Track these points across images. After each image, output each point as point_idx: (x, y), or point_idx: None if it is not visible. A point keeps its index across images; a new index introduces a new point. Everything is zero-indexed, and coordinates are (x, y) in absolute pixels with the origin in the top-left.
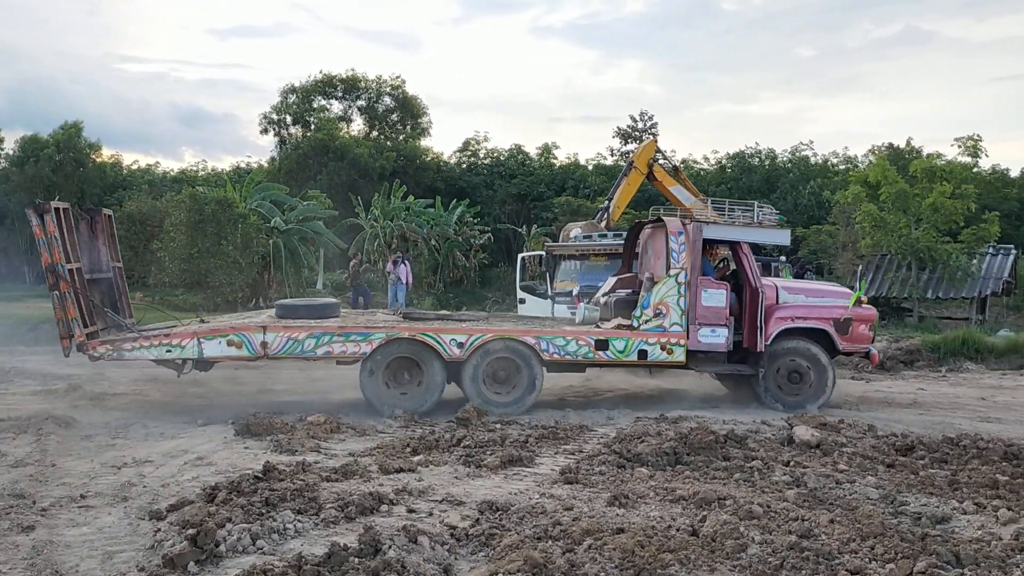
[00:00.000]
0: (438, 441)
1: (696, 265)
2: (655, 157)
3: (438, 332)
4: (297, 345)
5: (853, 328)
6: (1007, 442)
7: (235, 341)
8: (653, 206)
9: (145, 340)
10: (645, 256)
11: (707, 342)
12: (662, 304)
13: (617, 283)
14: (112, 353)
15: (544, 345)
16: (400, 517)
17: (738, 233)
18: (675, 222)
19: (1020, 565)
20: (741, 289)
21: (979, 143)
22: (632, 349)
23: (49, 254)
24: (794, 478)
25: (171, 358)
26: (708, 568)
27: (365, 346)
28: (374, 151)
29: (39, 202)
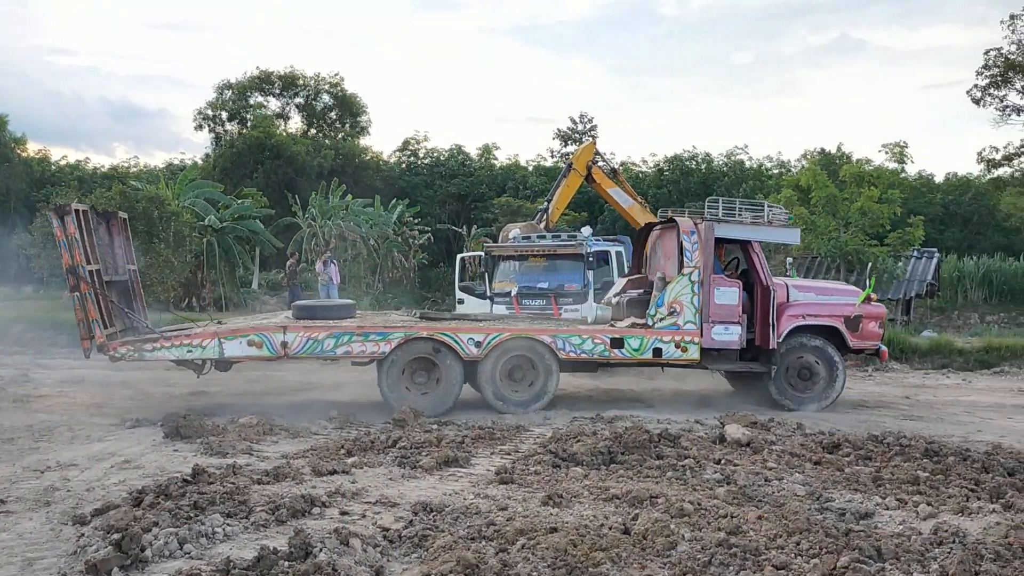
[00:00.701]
0: (373, 443)
1: (709, 264)
2: (594, 159)
3: (456, 331)
4: (317, 345)
5: (863, 325)
6: (928, 440)
7: (255, 341)
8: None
9: (166, 341)
10: (654, 257)
11: (720, 340)
12: (676, 302)
13: (628, 283)
14: (133, 354)
15: (560, 343)
16: (332, 519)
17: (750, 232)
18: (687, 222)
19: (938, 558)
20: (751, 288)
21: (905, 149)
22: (647, 347)
23: (70, 256)
24: (724, 476)
25: (192, 358)
26: (639, 566)
27: (384, 346)
28: (312, 149)
29: (60, 204)
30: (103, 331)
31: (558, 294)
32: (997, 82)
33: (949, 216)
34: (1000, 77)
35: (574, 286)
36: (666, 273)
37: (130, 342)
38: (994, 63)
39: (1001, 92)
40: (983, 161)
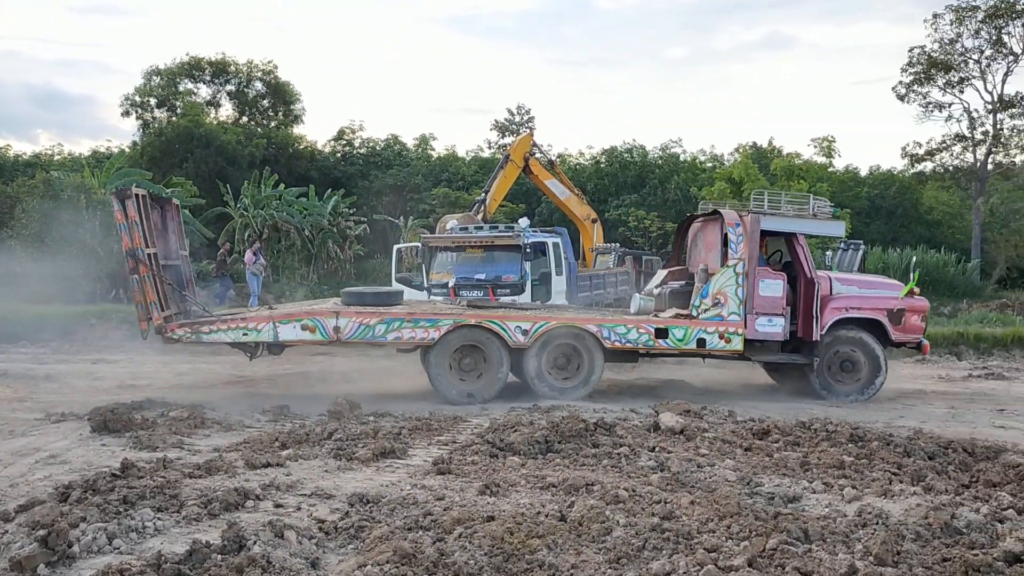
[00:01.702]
0: (308, 435)
1: (754, 256)
2: (531, 151)
3: (503, 319)
4: (368, 330)
5: (906, 319)
6: (853, 426)
7: (309, 326)
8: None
9: (222, 323)
10: (695, 249)
11: (764, 331)
12: (720, 293)
13: (668, 275)
14: (190, 336)
15: (606, 332)
16: (267, 512)
17: (795, 225)
18: (732, 214)
19: (862, 539)
20: (794, 280)
21: (833, 144)
22: (691, 337)
23: (130, 238)
24: (659, 463)
25: (247, 341)
26: (575, 551)
27: (433, 332)
28: (243, 138)
29: (121, 188)
30: (160, 313)
31: (496, 285)
32: (920, 79)
33: (874, 209)
34: (923, 75)
35: (511, 277)
36: (709, 265)
37: (187, 324)
38: (918, 61)
39: (924, 89)
40: (907, 156)
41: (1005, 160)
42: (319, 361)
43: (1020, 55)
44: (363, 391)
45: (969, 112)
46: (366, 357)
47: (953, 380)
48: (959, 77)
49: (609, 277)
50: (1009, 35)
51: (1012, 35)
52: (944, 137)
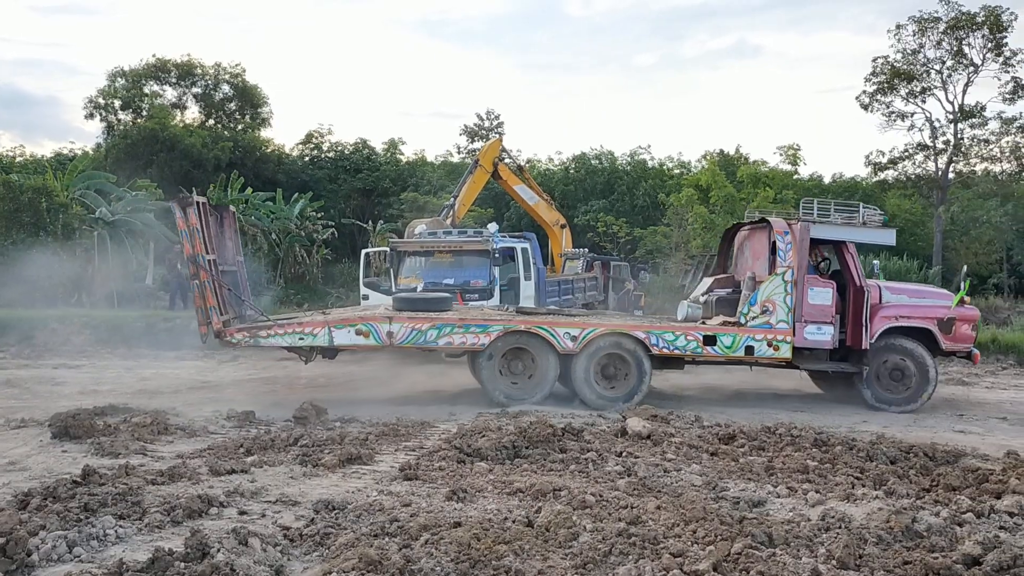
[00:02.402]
0: (273, 441)
1: (803, 264)
2: (500, 156)
3: (552, 325)
4: (420, 335)
5: (956, 328)
6: (817, 430)
7: (363, 331)
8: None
9: (279, 328)
10: (741, 257)
11: (813, 339)
12: (769, 301)
13: (714, 283)
14: (249, 340)
15: (654, 339)
16: (231, 519)
17: (844, 233)
18: (781, 223)
19: (825, 543)
20: (843, 288)
21: (798, 152)
22: (739, 345)
23: (191, 245)
24: (626, 468)
25: (303, 345)
26: (541, 557)
27: (484, 337)
28: (210, 141)
29: (183, 195)
30: (220, 318)
31: (464, 290)
32: (884, 89)
33: None
34: (887, 84)
35: (480, 282)
36: (756, 272)
37: (246, 329)
38: (881, 71)
39: (887, 98)
40: (870, 164)
41: (965, 169)
42: (285, 367)
43: (980, 66)
44: (330, 396)
45: (931, 121)
46: (334, 362)
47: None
48: (921, 87)
49: (578, 282)
50: (969, 46)
51: (972, 46)
52: (906, 146)
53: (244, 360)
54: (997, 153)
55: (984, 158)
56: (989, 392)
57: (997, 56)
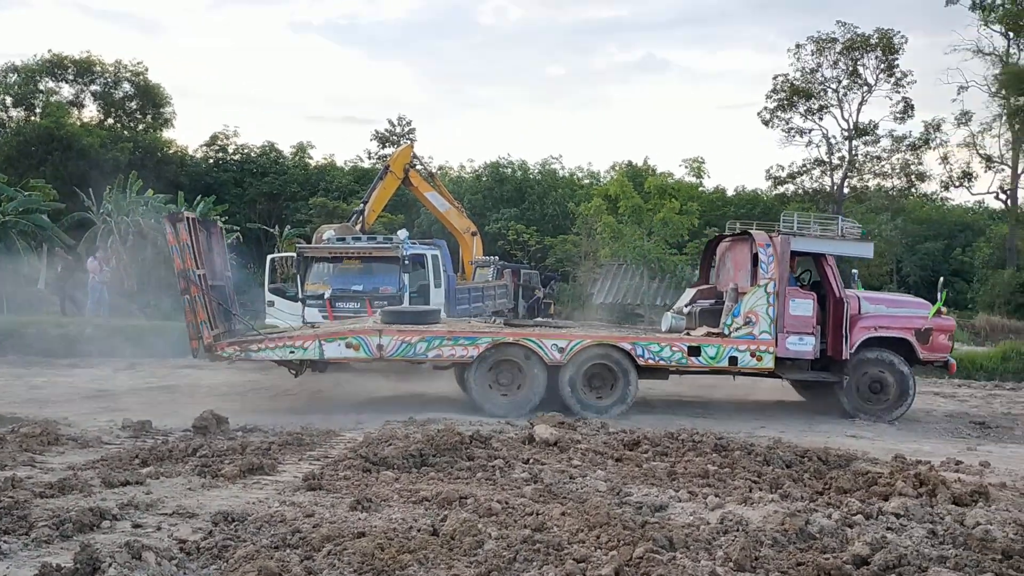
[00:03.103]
0: (171, 451)
1: (784, 276)
2: (412, 162)
3: (540, 337)
4: (410, 348)
5: (933, 338)
6: (718, 435)
7: (353, 344)
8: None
9: (270, 341)
10: (723, 268)
11: (795, 349)
12: (752, 313)
13: (697, 294)
14: (240, 354)
15: (640, 351)
16: (124, 533)
17: (823, 246)
18: (763, 235)
19: (723, 546)
20: (823, 299)
21: (703, 165)
22: (723, 355)
23: (181, 260)
24: (532, 475)
25: (293, 358)
26: (446, 566)
27: (472, 350)
28: (108, 141)
29: (174, 212)
30: (211, 332)
31: (373, 297)
32: (783, 105)
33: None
34: (786, 101)
35: (389, 289)
36: (738, 284)
37: (236, 342)
38: (781, 88)
39: (787, 115)
40: (770, 178)
41: (859, 184)
42: (186, 375)
43: (873, 86)
44: (232, 406)
45: (827, 138)
46: (235, 370)
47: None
48: (819, 105)
49: (488, 290)
50: (864, 67)
51: (866, 67)
52: (804, 161)
53: (141, 368)
54: (888, 169)
55: (876, 174)
56: None
57: (889, 77)
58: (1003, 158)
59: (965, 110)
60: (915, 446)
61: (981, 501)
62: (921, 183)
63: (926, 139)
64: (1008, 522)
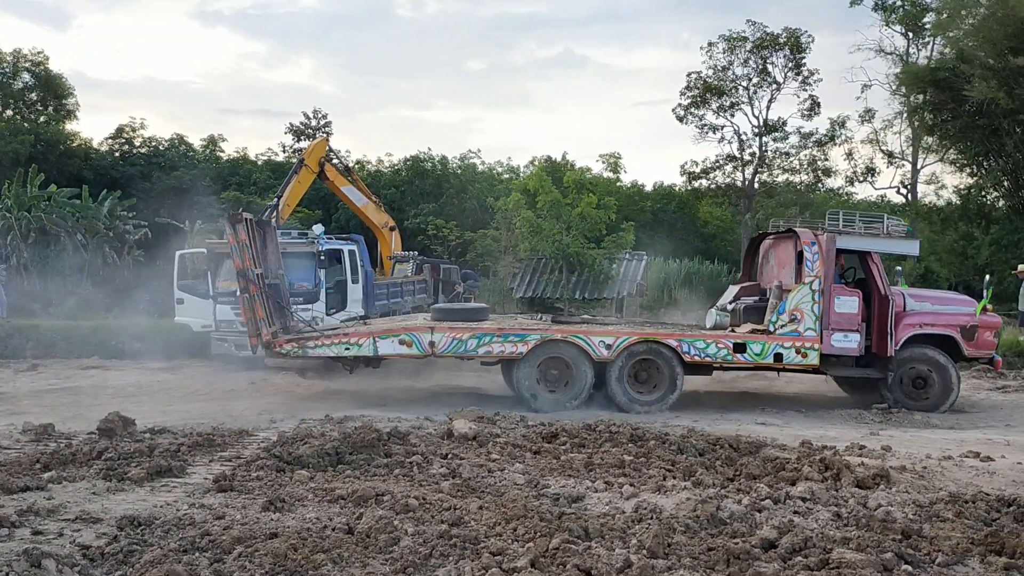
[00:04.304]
0: (75, 455)
1: (830, 274)
2: (327, 156)
3: (587, 334)
4: (461, 345)
5: (979, 335)
6: (634, 426)
7: (406, 340)
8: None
9: (326, 339)
10: (766, 265)
11: (840, 346)
12: (797, 310)
13: (740, 291)
14: (297, 351)
15: (686, 347)
16: (23, 540)
17: (869, 243)
18: (808, 233)
19: (637, 534)
20: (868, 296)
21: (619, 160)
22: (768, 352)
23: (240, 260)
24: (450, 470)
25: (349, 355)
26: (361, 564)
27: (521, 346)
28: (7, 133)
29: (234, 213)
30: (268, 329)
31: (288, 293)
32: (697, 102)
33: (657, 222)
34: (699, 98)
35: (305, 285)
36: (783, 281)
37: (294, 340)
38: (694, 85)
39: (700, 112)
40: (685, 174)
41: (769, 179)
42: (91, 376)
43: (782, 84)
44: (140, 407)
45: (739, 135)
46: (144, 371)
47: (723, 381)
48: (730, 102)
49: (407, 285)
50: (773, 65)
51: (775, 65)
52: (717, 157)
53: (44, 369)
54: (796, 165)
55: (785, 169)
56: (788, 386)
57: (797, 75)
58: (904, 154)
59: (868, 108)
60: (821, 432)
61: (883, 484)
62: (827, 178)
63: (832, 136)
64: (907, 503)
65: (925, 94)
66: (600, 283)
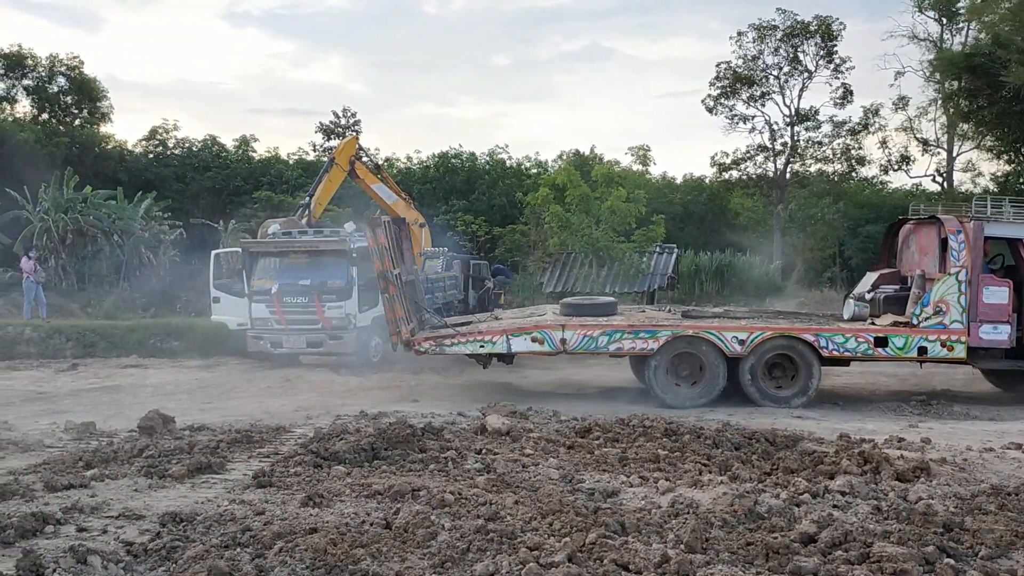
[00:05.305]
0: (116, 453)
1: (977, 263)
2: (357, 154)
3: (720, 330)
4: (592, 342)
5: None
6: (668, 420)
7: (538, 338)
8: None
9: (462, 337)
10: (906, 252)
11: (989, 339)
12: (942, 302)
13: (879, 279)
14: (435, 348)
15: (823, 342)
16: (68, 537)
17: (1019, 230)
18: (953, 220)
19: (674, 529)
20: (1020, 286)
21: (648, 153)
22: (912, 346)
23: (380, 262)
24: (485, 465)
25: (483, 352)
26: (399, 558)
27: (652, 343)
28: (43, 136)
29: (373, 217)
30: (408, 327)
31: (321, 291)
32: (727, 93)
33: (687, 215)
34: (729, 88)
35: (338, 283)
36: (925, 270)
37: (432, 337)
38: (724, 75)
39: (730, 102)
40: (715, 165)
41: (801, 169)
42: (130, 374)
43: (814, 72)
44: (179, 405)
45: (770, 125)
46: (182, 369)
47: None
48: (761, 92)
49: (438, 281)
50: (804, 53)
51: (807, 53)
52: (748, 147)
53: (84, 368)
54: (829, 154)
55: (818, 159)
56: (823, 379)
57: (828, 63)
58: (939, 141)
59: (902, 95)
60: (859, 425)
61: (923, 477)
62: (861, 167)
63: (865, 124)
64: (949, 496)
65: (960, 80)
66: (630, 277)
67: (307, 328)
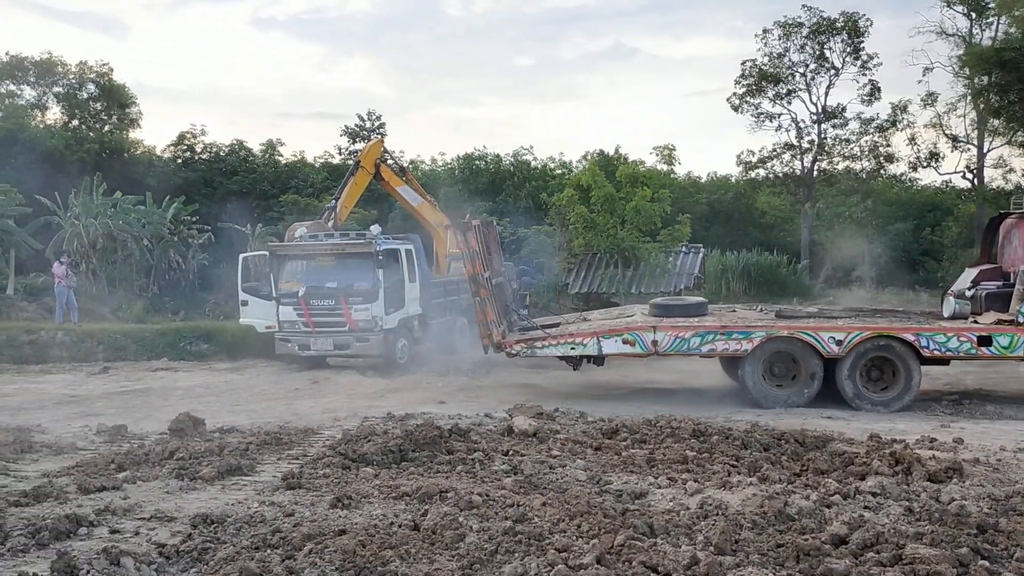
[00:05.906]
0: (147, 455)
1: None
2: (382, 157)
3: (816, 330)
4: (684, 343)
5: None
6: (696, 421)
7: (629, 340)
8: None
9: (553, 339)
10: (1008, 247)
11: None
12: None
13: (980, 275)
14: (527, 351)
15: (924, 342)
16: (101, 539)
17: None
18: None
19: (703, 530)
20: None
21: (674, 152)
22: (1018, 345)
23: (471, 265)
24: (512, 466)
25: (574, 354)
26: (428, 560)
27: (746, 344)
28: (73, 142)
29: (464, 221)
30: (499, 330)
31: (348, 294)
32: (752, 91)
33: (713, 214)
34: (755, 86)
35: (364, 285)
36: None
37: (523, 340)
38: (749, 73)
39: (756, 100)
40: (741, 164)
41: (829, 167)
42: (160, 377)
43: (840, 69)
44: (208, 407)
45: (796, 122)
46: (211, 371)
47: None
48: (787, 89)
49: (463, 283)
50: (830, 50)
51: (833, 50)
52: (774, 146)
53: (115, 372)
54: (857, 152)
55: (845, 157)
56: None
57: (855, 60)
58: (969, 138)
59: (931, 91)
60: (890, 425)
61: (955, 477)
62: (890, 164)
63: (893, 121)
64: (982, 497)
65: (990, 75)
66: (656, 277)
67: (334, 330)
